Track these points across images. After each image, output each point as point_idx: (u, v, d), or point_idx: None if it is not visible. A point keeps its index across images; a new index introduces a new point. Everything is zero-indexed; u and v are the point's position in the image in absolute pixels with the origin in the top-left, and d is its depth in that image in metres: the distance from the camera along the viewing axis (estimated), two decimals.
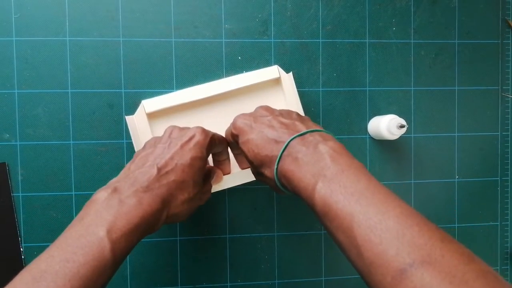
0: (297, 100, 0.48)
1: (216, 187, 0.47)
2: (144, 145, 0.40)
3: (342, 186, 0.30)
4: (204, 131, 0.38)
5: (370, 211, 0.28)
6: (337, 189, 0.30)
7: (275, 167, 0.35)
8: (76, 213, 0.48)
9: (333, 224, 0.29)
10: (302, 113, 0.48)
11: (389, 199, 0.29)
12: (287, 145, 0.34)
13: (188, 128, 0.39)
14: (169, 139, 0.38)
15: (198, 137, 0.38)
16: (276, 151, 0.35)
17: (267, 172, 0.37)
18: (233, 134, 0.39)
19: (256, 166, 0.38)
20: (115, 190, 0.33)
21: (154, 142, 0.39)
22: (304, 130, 0.35)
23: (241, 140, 0.38)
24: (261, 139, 0.36)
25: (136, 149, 0.46)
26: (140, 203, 0.33)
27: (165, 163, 0.36)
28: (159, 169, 0.35)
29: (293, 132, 0.35)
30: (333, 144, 0.33)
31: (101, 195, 0.33)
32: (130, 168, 0.36)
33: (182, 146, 0.37)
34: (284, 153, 0.34)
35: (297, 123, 0.37)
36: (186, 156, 0.36)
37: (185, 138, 0.37)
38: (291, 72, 0.48)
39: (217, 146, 0.41)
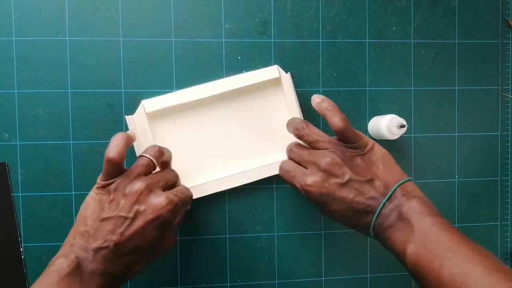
0: (295, 100, 0.48)
1: (216, 188, 0.47)
2: (110, 191, 0.37)
3: (427, 250, 0.33)
4: (174, 206, 0.36)
5: (453, 273, 0.31)
6: (423, 253, 0.33)
7: (371, 234, 0.38)
8: (76, 213, 0.47)
9: (423, 283, 0.33)
10: (299, 113, 0.48)
11: (471, 256, 0.31)
12: (377, 217, 0.36)
13: (158, 194, 0.36)
14: (134, 207, 0.35)
15: (165, 216, 0.36)
16: (367, 221, 0.37)
17: (358, 230, 0.40)
18: (308, 200, 0.39)
19: (344, 224, 0.40)
20: (77, 265, 0.34)
21: (120, 197, 0.36)
22: (384, 190, 0.37)
23: (323, 210, 0.39)
24: (348, 211, 0.37)
25: (136, 150, 0.46)
26: (97, 285, 0.34)
27: (123, 244, 0.35)
28: (116, 248, 0.34)
29: (378, 197, 0.37)
30: (416, 204, 0.36)
31: (63, 267, 0.33)
32: (90, 232, 0.35)
33: (145, 224, 0.35)
34: (376, 221, 0.37)
35: (376, 181, 0.37)
36: (147, 237, 0.35)
37: (151, 215, 0.35)
38: (289, 73, 0.48)
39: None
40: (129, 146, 0.39)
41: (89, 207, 0.37)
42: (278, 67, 0.48)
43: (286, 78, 0.48)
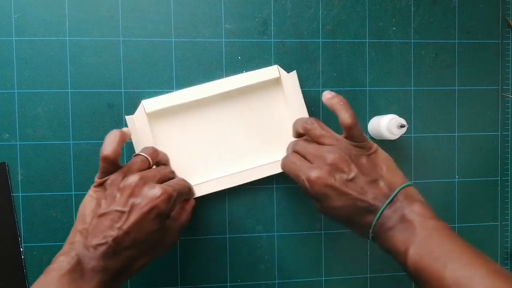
0: (300, 100, 0.48)
1: (215, 187, 0.47)
2: (106, 186, 0.37)
3: (429, 251, 0.33)
4: (169, 196, 0.36)
5: (457, 275, 0.31)
6: (425, 255, 0.33)
7: (370, 235, 0.37)
8: (76, 213, 0.47)
9: (424, 285, 0.33)
10: (306, 113, 0.48)
11: (474, 259, 0.32)
12: (379, 216, 0.36)
13: (152, 186, 0.36)
14: (129, 200, 0.35)
15: (161, 207, 0.35)
16: (368, 220, 0.37)
17: (355, 230, 0.39)
18: (310, 194, 0.38)
19: (341, 223, 0.39)
20: (78, 262, 0.34)
21: (115, 192, 0.36)
22: (387, 191, 0.37)
23: (323, 204, 0.38)
24: (351, 208, 0.37)
25: (136, 149, 0.46)
26: (98, 282, 0.34)
27: (122, 239, 0.34)
28: (115, 244, 0.34)
29: (380, 198, 0.36)
30: (418, 208, 0.36)
31: (63, 264, 0.33)
32: (88, 229, 0.35)
33: (141, 217, 0.35)
34: (377, 221, 0.36)
35: (380, 182, 0.37)
36: (145, 230, 0.35)
37: (146, 207, 0.35)
38: (294, 71, 0.48)
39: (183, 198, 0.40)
40: (123, 143, 0.39)
41: (88, 205, 0.37)
42: (278, 67, 0.48)
43: (288, 78, 0.48)
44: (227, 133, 0.49)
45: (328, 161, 0.37)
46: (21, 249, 0.47)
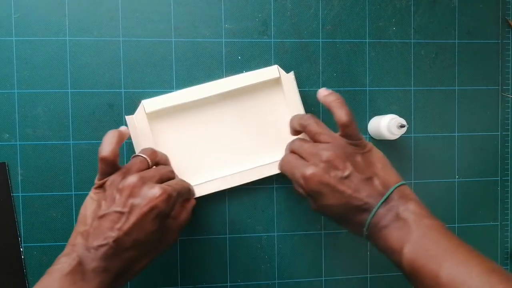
0: (298, 100, 0.48)
1: (216, 187, 0.47)
2: (105, 187, 0.37)
3: (425, 249, 0.33)
4: (169, 196, 0.36)
5: (453, 272, 0.31)
6: (421, 253, 0.33)
7: (364, 233, 0.37)
8: (76, 213, 0.47)
9: (419, 284, 0.33)
10: (304, 113, 0.48)
11: (470, 257, 0.32)
12: (373, 215, 0.36)
13: (152, 186, 0.36)
14: (129, 201, 0.35)
15: (160, 207, 0.35)
16: (363, 218, 0.37)
17: (350, 228, 0.39)
18: (305, 191, 0.38)
19: (335, 221, 0.39)
20: (79, 263, 0.34)
21: (114, 193, 0.36)
22: (382, 189, 0.37)
23: (317, 203, 0.38)
24: (345, 206, 0.37)
25: (136, 149, 0.46)
26: (100, 283, 0.34)
27: (122, 239, 0.34)
28: (116, 245, 0.34)
29: (375, 196, 0.36)
30: (413, 207, 0.36)
31: (65, 266, 0.33)
32: (89, 231, 0.35)
33: (141, 217, 0.35)
34: (372, 220, 0.36)
35: (375, 180, 0.37)
36: (145, 230, 0.35)
37: (146, 207, 0.35)
38: (292, 72, 0.48)
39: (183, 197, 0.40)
40: (122, 143, 0.39)
41: (88, 207, 0.37)
42: (278, 67, 0.48)
43: (288, 78, 0.48)
44: (227, 133, 0.49)
45: (324, 158, 0.37)
46: (21, 249, 0.47)
